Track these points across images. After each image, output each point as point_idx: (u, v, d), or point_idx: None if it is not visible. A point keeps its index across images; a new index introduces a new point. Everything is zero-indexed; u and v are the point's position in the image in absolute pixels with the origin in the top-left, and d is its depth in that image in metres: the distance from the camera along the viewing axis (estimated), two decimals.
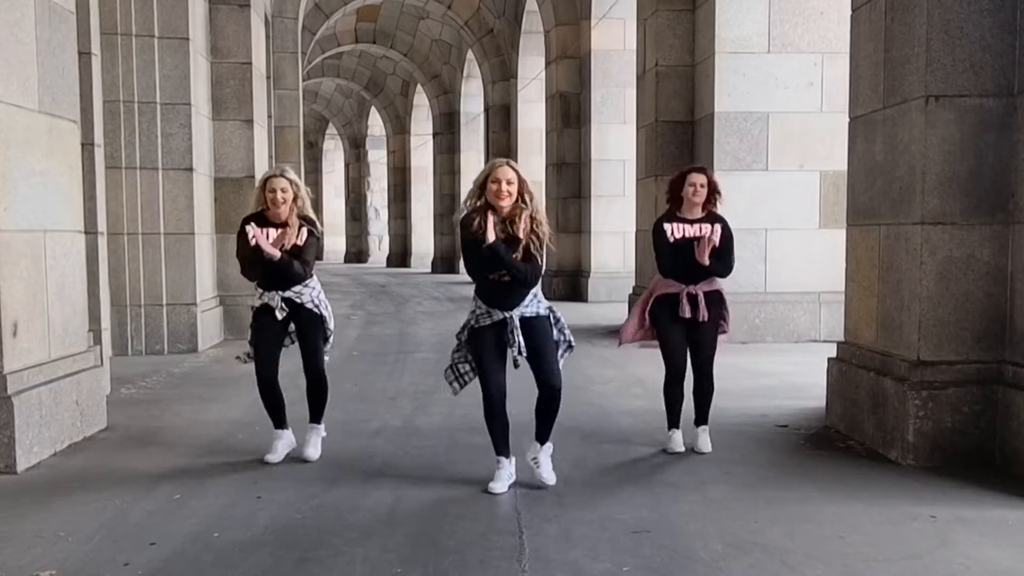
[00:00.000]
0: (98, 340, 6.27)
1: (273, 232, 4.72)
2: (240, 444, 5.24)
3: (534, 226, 4.22)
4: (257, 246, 4.65)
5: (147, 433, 5.58)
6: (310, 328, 4.86)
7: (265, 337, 4.82)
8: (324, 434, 5.01)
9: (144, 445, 5.28)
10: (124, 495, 4.27)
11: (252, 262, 4.72)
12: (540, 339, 4.31)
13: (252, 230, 4.69)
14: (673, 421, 5.11)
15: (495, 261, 4.16)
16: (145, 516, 3.99)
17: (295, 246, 4.76)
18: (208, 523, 3.88)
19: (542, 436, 4.40)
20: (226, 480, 4.53)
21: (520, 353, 4.24)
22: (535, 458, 4.40)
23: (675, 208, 5.06)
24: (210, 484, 4.45)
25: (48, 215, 5.10)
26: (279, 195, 4.72)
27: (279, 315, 4.77)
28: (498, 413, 4.33)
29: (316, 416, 4.98)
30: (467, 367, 4.45)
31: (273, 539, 3.70)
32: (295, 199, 4.78)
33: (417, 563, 3.43)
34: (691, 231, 4.93)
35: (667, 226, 5.00)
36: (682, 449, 5.02)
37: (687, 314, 4.89)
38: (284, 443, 4.92)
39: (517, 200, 4.22)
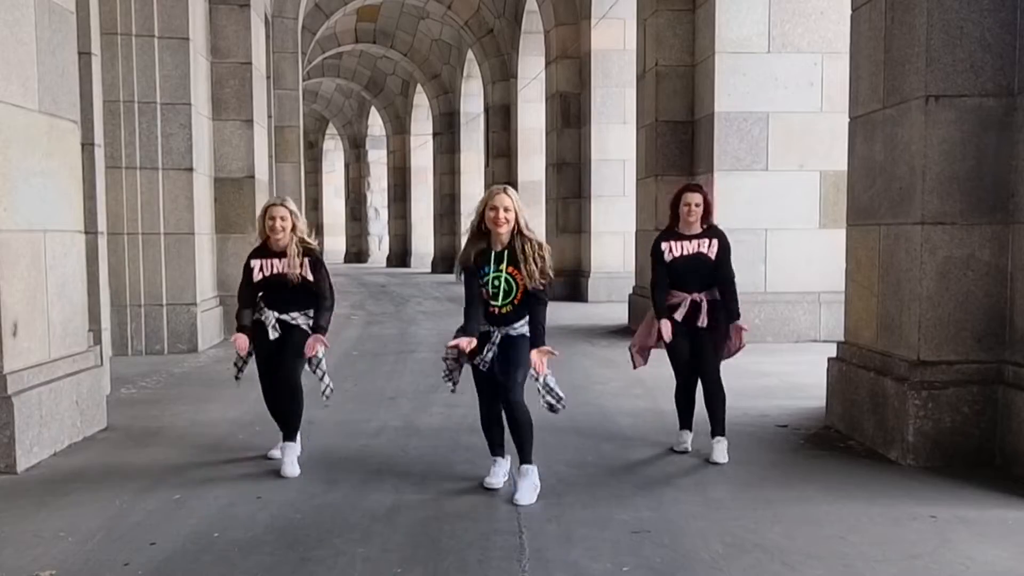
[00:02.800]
0: (98, 340, 6.27)
1: (277, 262, 4.80)
2: (240, 444, 5.24)
3: (537, 265, 4.22)
4: (263, 279, 4.79)
5: (147, 433, 5.58)
6: (298, 342, 4.77)
7: (265, 354, 4.82)
8: (299, 451, 4.82)
9: (144, 445, 5.28)
10: (124, 495, 4.27)
11: (252, 293, 4.85)
12: (515, 354, 4.27)
13: (259, 263, 4.84)
14: (685, 423, 5.13)
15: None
16: (145, 516, 3.99)
17: (308, 280, 4.79)
18: (208, 523, 3.88)
19: (523, 457, 4.31)
20: (226, 480, 4.53)
21: (483, 367, 4.26)
22: (515, 481, 4.34)
23: (674, 224, 5.07)
24: (210, 484, 4.45)
25: (48, 215, 5.10)
26: (278, 223, 4.78)
27: (272, 334, 4.79)
28: (493, 423, 4.39)
29: (290, 434, 4.82)
30: (455, 366, 4.43)
31: (273, 539, 3.70)
32: (293, 228, 4.83)
33: (417, 563, 3.43)
34: (690, 247, 4.96)
35: (664, 245, 5.02)
36: (688, 449, 5.03)
37: (679, 317, 4.90)
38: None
39: (514, 228, 4.23)
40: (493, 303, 4.25)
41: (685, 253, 4.95)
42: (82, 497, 4.25)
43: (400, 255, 29.03)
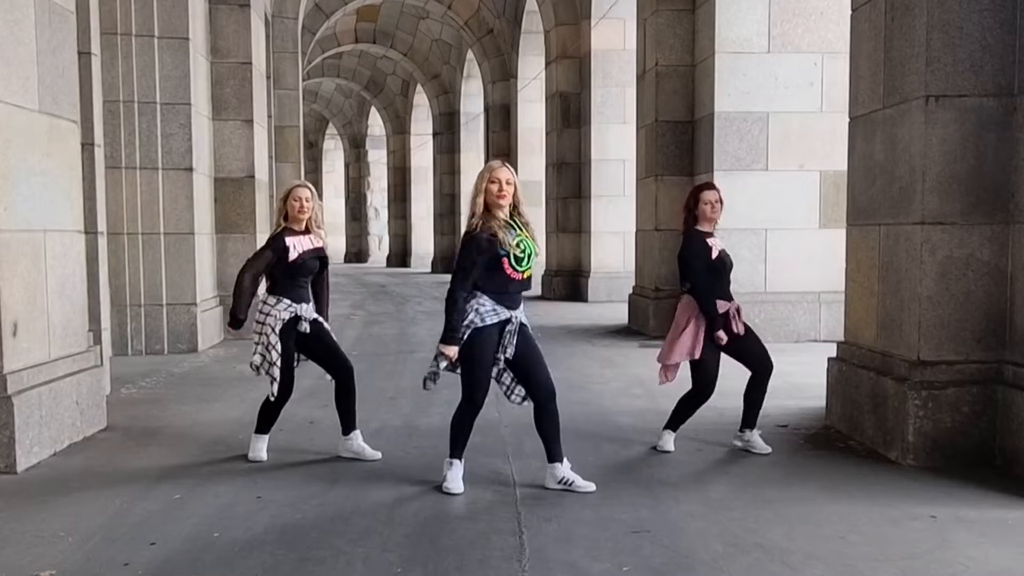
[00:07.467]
0: (98, 340, 6.27)
1: (306, 239, 4.91)
2: (241, 444, 5.23)
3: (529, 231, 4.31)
4: (299, 256, 4.83)
5: (147, 433, 5.58)
6: (326, 331, 4.98)
7: (290, 351, 4.86)
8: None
9: (144, 445, 5.28)
10: (124, 495, 4.27)
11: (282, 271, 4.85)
12: (531, 347, 4.32)
13: (292, 241, 4.86)
14: (673, 425, 5.11)
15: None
16: (145, 516, 3.99)
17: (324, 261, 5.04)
18: (208, 523, 3.88)
19: (556, 453, 4.31)
20: (226, 480, 4.53)
21: (508, 358, 4.25)
22: (563, 479, 4.29)
23: (694, 224, 5.03)
24: (210, 484, 4.45)
25: (48, 215, 5.10)
26: (304, 203, 4.90)
27: (306, 328, 4.85)
28: (473, 422, 4.38)
29: (354, 421, 5.00)
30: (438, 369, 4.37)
31: (273, 539, 3.70)
32: (312, 211, 4.97)
33: (417, 563, 3.43)
34: (719, 246, 4.98)
35: (711, 240, 4.96)
36: (673, 448, 5.03)
37: (740, 330, 4.91)
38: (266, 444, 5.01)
39: (512, 204, 4.25)
40: (518, 269, 4.21)
41: (719, 250, 4.97)
42: (82, 497, 4.25)
43: (400, 255, 29.05)
